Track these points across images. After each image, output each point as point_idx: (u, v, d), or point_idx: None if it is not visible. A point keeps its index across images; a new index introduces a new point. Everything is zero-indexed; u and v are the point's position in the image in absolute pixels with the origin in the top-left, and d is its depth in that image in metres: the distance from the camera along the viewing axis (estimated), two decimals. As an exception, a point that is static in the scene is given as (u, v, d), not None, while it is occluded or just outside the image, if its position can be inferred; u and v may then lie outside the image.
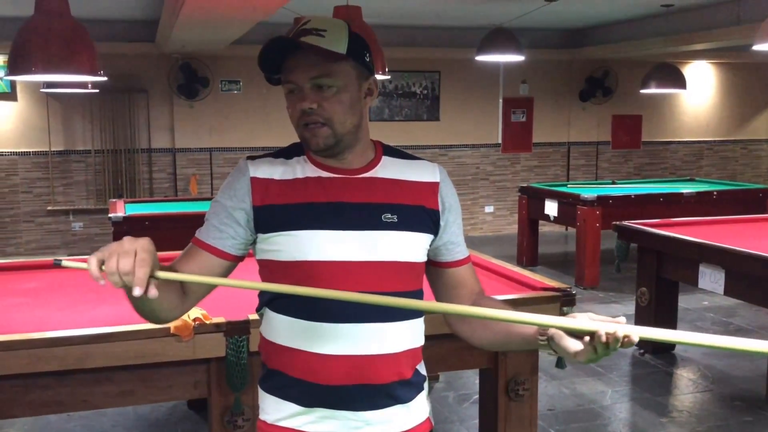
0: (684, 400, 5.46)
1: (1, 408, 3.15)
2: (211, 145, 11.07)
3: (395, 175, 2.03)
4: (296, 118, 1.94)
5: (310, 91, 1.91)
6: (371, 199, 1.97)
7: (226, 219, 1.97)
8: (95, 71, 4.95)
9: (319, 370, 1.92)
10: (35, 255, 10.38)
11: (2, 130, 10.35)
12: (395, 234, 1.95)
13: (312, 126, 1.92)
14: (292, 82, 1.93)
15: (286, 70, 1.94)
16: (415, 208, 2.00)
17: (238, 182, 1.98)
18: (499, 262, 4.46)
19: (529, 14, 9.57)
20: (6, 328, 3.27)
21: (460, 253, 2.11)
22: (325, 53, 1.88)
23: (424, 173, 2.07)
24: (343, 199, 1.93)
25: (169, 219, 7.01)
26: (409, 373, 2.03)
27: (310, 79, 1.91)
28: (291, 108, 1.95)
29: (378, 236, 1.93)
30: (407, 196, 2.01)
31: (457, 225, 2.11)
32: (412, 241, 1.99)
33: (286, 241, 1.93)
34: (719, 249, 5.42)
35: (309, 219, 1.91)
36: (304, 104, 1.90)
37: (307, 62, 1.90)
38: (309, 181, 1.96)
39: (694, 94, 13.16)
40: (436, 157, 11.99)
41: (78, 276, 4.47)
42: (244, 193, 1.96)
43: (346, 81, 1.94)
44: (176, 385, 3.34)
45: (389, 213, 1.96)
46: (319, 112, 1.91)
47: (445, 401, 5.31)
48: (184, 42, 9.12)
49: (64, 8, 4.98)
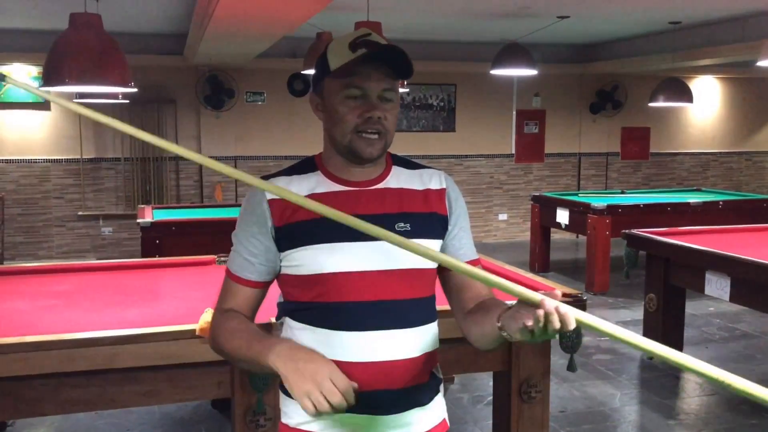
0: (691, 403, 5.41)
1: (33, 406, 3.14)
2: (236, 153, 11.08)
3: (405, 184, 2.03)
4: (354, 124, 1.90)
5: (378, 101, 1.90)
6: (384, 210, 1.96)
7: (254, 248, 1.97)
8: (126, 83, 4.96)
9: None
10: (66, 258, 10.43)
11: (36, 138, 10.40)
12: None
13: (369, 135, 1.91)
14: (360, 89, 1.89)
15: (357, 76, 1.89)
16: (426, 216, 2.01)
17: (259, 208, 1.97)
18: (512, 268, 4.43)
19: (542, 30, 9.55)
20: (38, 328, 3.27)
21: (467, 256, 2.08)
22: (407, 70, 1.90)
23: (432, 181, 2.07)
24: (357, 212, 1.83)
25: (195, 224, 7.03)
26: (426, 376, 2.02)
27: (382, 89, 1.90)
28: (350, 113, 1.90)
29: (392, 245, 1.89)
30: (418, 205, 2.01)
31: (464, 230, 2.11)
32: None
33: (304, 255, 1.92)
34: (725, 257, 5.37)
35: (325, 233, 1.90)
36: (375, 112, 1.89)
37: (379, 73, 1.89)
38: (325, 196, 1.93)
39: (701, 107, 13.11)
40: (451, 166, 12.00)
41: (107, 279, 4.49)
42: (266, 217, 1.95)
43: (397, 99, 1.96)
44: (200, 385, 3.33)
45: (402, 222, 1.95)
46: (382, 122, 1.91)
47: (460, 403, 5.28)
48: (211, 55, 9.16)
49: (97, 23, 5.01)
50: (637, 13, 8.59)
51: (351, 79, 1.89)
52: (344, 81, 1.90)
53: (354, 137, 1.91)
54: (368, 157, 1.93)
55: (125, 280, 4.47)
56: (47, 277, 4.50)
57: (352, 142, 1.92)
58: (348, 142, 1.93)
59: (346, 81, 1.89)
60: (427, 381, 2.02)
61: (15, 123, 10.30)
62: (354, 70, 1.88)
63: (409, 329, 1.94)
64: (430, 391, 2.05)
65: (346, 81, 1.89)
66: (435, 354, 2.06)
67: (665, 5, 8.01)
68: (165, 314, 3.58)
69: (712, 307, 7.80)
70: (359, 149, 1.92)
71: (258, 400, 3.23)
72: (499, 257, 5.14)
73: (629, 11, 8.42)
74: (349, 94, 1.90)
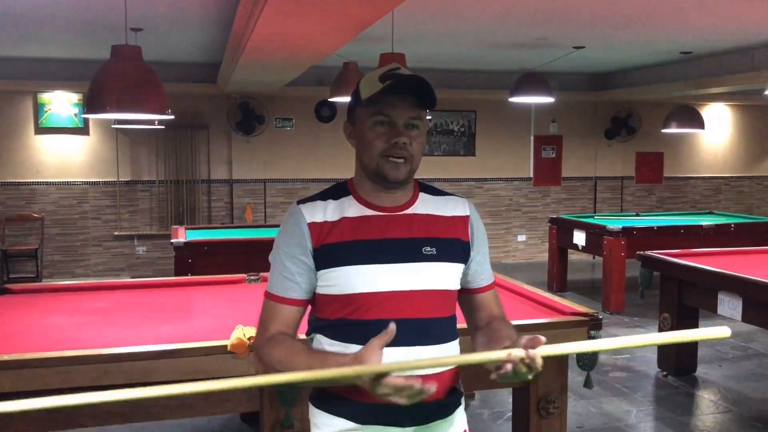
0: (705, 420, 5.34)
1: (69, 418, 3.16)
2: (265, 176, 11.13)
3: (431, 210, 2.08)
4: (381, 149, 1.96)
5: (404, 128, 1.96)
6: (412, 234, 2.01)
7: (297, 268, 1.99)
8: (163, 111, 5.02)
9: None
10: (102, 276, 10.51)
11: (75, 161, 10.49)
12: (434, 265, 2.01)
13: (396, 159, 1.96)
14: (388, 116, 1.96)
15: (385, 105, 1.95)
16: (450, 241, 2.06)
17: (298, 229, 2.00)
18: (530, 288, 4.42)
19: (559, 60, 9.55)
20: (77, 343, 3.29)
21: (485, 280, 2.17)
22: (431, 99, 1.96)
23: (456, 208, 2.13)
24: (387, 236, 1.98)
25: (226, 244, 7.05)
26: (449, 390, 2.05)
27: (408, 118, 1.96)
28: (377, 139, 1.97)
29: (419, 267, 1.98)
30: (443, 230, 2.06)
31: (484, 255, 2.17)
32: (448, 271, 2.04)
33: (339, 276, 1.96)
34: (737, 278, 5.33)
35: (359, 255, 1.95)
36: (401, 138, 1.95)
37: (406, 102, 1.96)
38: (357, 220, 2.00)
39: (712, 133, 13.04)
40: (472, 189, 11.99)
41: (142, 297, 4.51)
42: (306, 239, 1.99)
43: (424, 127, 2.02)
44: (231, 399, 3.33)
45: (428, 246, 2.01)
46: (407, 147, 1.97)
47: (481, 418, 5.25)
48: (243, 83, 9.22)
49: (137, 53, 5.07)
50: (650, 44, 8.58)
51: (379, 107, 1.95)
52: (373, 109, 1.96)
53: (381, 161, 1.97)
54: (394, 180, 1.98)
55: (159, 297, 4.49)
56: (85, 295, 4.53)
57: (380, 165, 1.97)
58: (376, 166, 1.98)
59: (375, 109, 1.96)
60: (450, 395, 2.05)
61: (55, 147, 10.40)
62: (382, 99, 1.94)
63: (432, 346, 1.98)
64: (453, 404, 2.09)
65: (374, 109, 1.96)
66: (457, 370, 2.09)
67: (677, 36, 8.00)
68: (198, 330, 3.59)
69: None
70: (386, 172, 1.97)
71: (286, 414, 3.23)
72: (518, 277, 5.12)
73: (642, 42, 8.41)
74: (377, 121, 1.97)
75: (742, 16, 6.83)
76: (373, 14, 4.73)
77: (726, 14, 6.75)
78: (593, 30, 7.59)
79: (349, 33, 5.40)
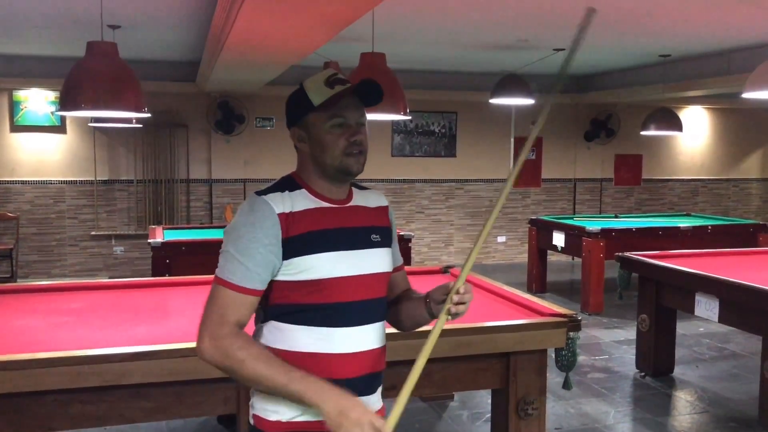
0: (682, 421, 5.35)
1: (43, 421, 3.11)
2: (245, 176, 11.07)
3: (364, 203, 2.27)
4: (343, 147, 2.11)
5: (358, 126, 2.14)
6: (361, 224, 2.20)
7: (263, 258, 2.03)
8: (140, 108, 4.96)
9: (340, 367, 2.07)
10: (79, 277, 10.42)
11: (52, 160, 10.39)
12: (381, 251, 2.23)
13: (358, 154, 2.13)
14: (344, 118, 2.12)
15: (340, 108, 2.11)
16: (384, 229, 2.28)
17: (269, 220, 2.05)
18: (510, 289, 4.41)
19: (539, 62, 9.57)
20: (50, 345, 3.25)
21: (398, 261, 2.39)
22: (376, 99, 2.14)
23: (379, 200, 2.34)
24: (342, 225, 2.14)
25: (204, 245, 6.98)
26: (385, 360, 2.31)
27: (359, 116, 2.15)
28: (338, 138, 2.11)
29: (371, 253, 2.18)
30: (377, 219, 2.27)
31: (395, 239, 2.39)
32: (388, 255, 2.27)
33: (306, 263, 2.05)
34: (713, 279, 5.36)
35: (325, 243, 2.08)
36: (359, 136, 2.13)
37: (357, 104, 2.14)
38: (316, 211, 2.12)
39: (690, 136, 13.13)
40: (452, 190, 12.02)
41: (119, 297, 4.46)
42: (276, 230, 2.04)
43: (366, 123, 2.22)
44: (207, 401, 3.30)
45: (374, 234, 2.22)
46: (363, 143, 2.14)
47: (460, 419, 5.23)
48: (222, 82, 9.16)
49: (113, 50, 5.01)
50: (629, 47, 8.61)
51: (334, 111, 2.11)
52: (329, 113, 2.11)
53: (344, 158, 2.12)
54: (357, 172, 2.15)
55: (136, 298, 4.44)
56: (60, 295, 4.47)
57: (343, 162, 2.12)
58: (339, 163, 2.13)
59: (331, 113, 2.11)
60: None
61: (31, 145, 10.29)
62: (336, 103, 2.10)
63: (379, 323, 2.21)
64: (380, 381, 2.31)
65: (330, 113, 2.11)
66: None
67: (656, 39, 8.03)
68: (174, 332, 3.55)
69: (702, 328, 7.75)
70: (350, 167, 2.13)
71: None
72: (498, 278, 5.11)
73: (622, 45, 8.44)
74: (335, 123, 2.12)
75: (720, 20, 6.86)
76: (350, 13, 4.69)
77: (704, 18, 6.78)
78: (573, 32, 7.58)
79: (328, 32, 5.36)
